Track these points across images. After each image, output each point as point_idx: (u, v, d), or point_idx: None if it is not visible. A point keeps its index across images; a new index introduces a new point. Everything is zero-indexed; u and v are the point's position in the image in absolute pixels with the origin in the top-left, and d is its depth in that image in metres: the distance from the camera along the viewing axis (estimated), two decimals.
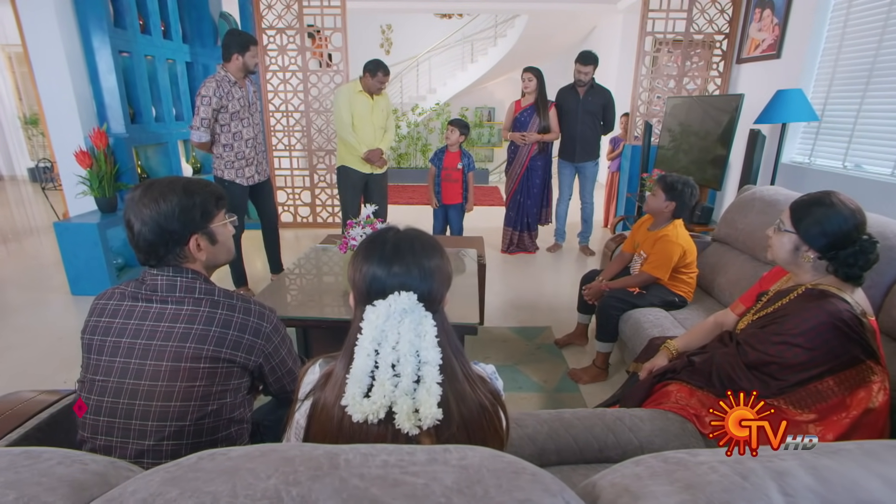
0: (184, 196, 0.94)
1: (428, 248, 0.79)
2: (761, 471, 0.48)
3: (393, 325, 0.73)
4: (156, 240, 0.93)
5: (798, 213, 1.22)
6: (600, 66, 3.76)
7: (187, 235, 0.95)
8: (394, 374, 0.72)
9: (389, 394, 0.71)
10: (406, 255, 0.76)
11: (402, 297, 0.73)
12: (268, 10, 4.16)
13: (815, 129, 3.05)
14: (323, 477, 0.47)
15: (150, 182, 0.95)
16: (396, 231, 0.82)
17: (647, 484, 0.48)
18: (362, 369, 0.72)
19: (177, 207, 0.93)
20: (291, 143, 4.55)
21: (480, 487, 0.45)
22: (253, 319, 0.97)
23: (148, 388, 0.89)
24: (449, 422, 0.73)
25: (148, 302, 0.94)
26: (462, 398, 0.76)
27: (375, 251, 0.77)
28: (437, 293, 0.77)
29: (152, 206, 0.92)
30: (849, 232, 1.16)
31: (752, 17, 3.70)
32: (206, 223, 0.97)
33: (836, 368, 1.16)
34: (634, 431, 1.20)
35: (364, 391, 0.72)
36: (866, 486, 0.46)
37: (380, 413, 0.71)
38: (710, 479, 0.47)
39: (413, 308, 0.73)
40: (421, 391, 0.72)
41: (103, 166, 2.90)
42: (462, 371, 0.78)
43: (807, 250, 1.20)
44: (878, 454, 0.52)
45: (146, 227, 0.92)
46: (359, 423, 0.72)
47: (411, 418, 0.71)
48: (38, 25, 2.78)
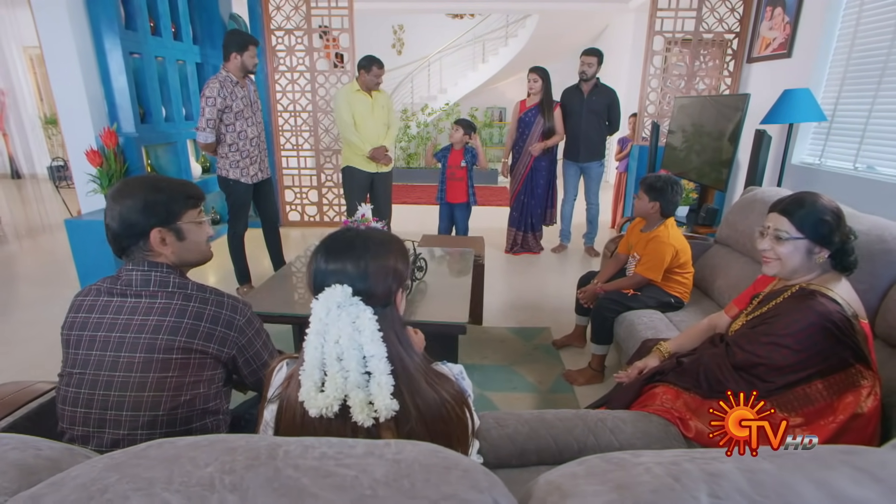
0: (150, 191, 0.97)
1: (372, 244, 0.80)
2: (696, 473, 0.47)
3: (333, 319, 0.74)
4: (119, 231, 0.96)
5: (797, 216, 1.18)
6: (611, 66, 3.75)
7: (148, 228, 0.96)
8: (342, 367, 0.73)
9: (341, 387, 0.72)
10: (348, 251, 0.78)
11: (336, 291, 0.74)
12: (276, 11, 4.22)
13: (825, 129, 2.98)
14: (258, 466, 0.48)
15: (127, 179, 1.00)
16: (352, 229, 0.83)
17: (580, 483, 0.48)
18: (311, 363, 0.74)
19: (140, 202, 0.96)
20: (299, 143, 4.60)
21: (408, 481, 0.46)
22: (225, 312, 0.99)
23: (122, 380, 0.91)
24: (406, 415, 0.74)
25: (123, 297, 0.97)
26: (417, 392, 0.76)
27: (324, 247, 0.80)
28: (378, 287, 0.78)
29: (121, 200, 0.96)
30: (844, 222, 1.16)
31: (763, 15, 3.63)
32: (172, 219, 0.99)
33: (825, 371, 1.14)
34: (616, 433, 1.19)
35: (318, 385, 0.74)
36: (799, 490, 0.45)
37: (333, 407, 0.72)
38: (642, 480, 0.47)
39: (348, 302, 0.74)
40: (373, 384, 0.73)
41: (113, 165, 2.97)
42: (415, 366, 0.79)
43: (819, 251, 1.17)
44: (825, 459, 0.51)
45: (113, 220, 0.96)
46: (319, 419, 0.73)
47: (365, 410, 0.72)
48: (51, 28, 2.86)
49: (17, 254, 4.05)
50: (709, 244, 2.38)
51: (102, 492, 0.45)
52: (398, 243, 0.85)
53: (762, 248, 1.24)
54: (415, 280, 1.91)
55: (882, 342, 1.38)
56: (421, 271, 1.96)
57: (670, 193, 1.94)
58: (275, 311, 1.70)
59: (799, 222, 1.17)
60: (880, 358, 1.34)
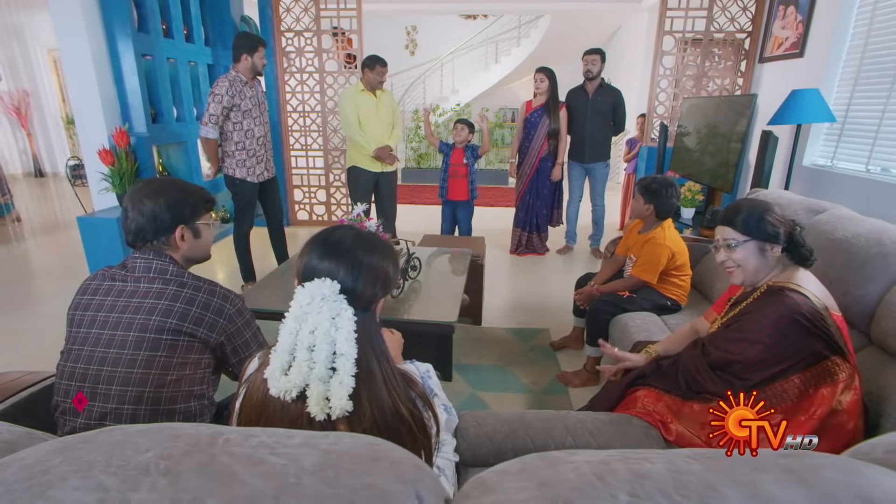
0: (179, 192, 1.09)
1: (368, 248, 0.81)
2: (623, 472, 0.47)
3: (314, 310, 0.75)
4: (146, 225, 1.06)
5: (737, 221, 1.23)
6: (624, 67, 3.71)
7: (175, 226, 1.07)
8: (311, 358, 0.75)
9: (304, 376, 0.74)
10: (341, 250, 0.79)
11: (325, 284, 0.76)
12: (287, 13, 4.28)
13: (838, 130, 2.90)
14: (196, 453, 0.50)
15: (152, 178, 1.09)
16: (349, 229, 0.84)
17: (506, 479, 0.49)
18: (284, 346, 0.76)
19: (171, 200, 1.07)
20: (308, 143, 4.66)
21: (333, 471, 0.47)
22: (216, 300, 1.07)
23: (114, 356, 0.98)
24: (360, 417, 0.75)
25: (123, 281, 1.05)
26: (376, 398, 0.77)
27: (317, 242, 0.81)
28: (366, 292, 0.79)
29: (152, 197, 1.06)
30: (779, 214, 1.21)
31: (776, 14, 3.56)
32: (193, 219, 1.10)
33: (800, 365, 1.14)
34: (595, 435, 1.19)
35: (284, 368, 0.75)
36: (722, 492, 0.45)
37: (292, 392, 0.74)
38: (567, 478, 0.47)
39: (333, 297, 0.75)
40: (334, 381, 0.74)
41: (124, 164, 3.05)
42: (382, 375, 0.79)
43: (772, 248, 1.21)
44: (761, 462, 0.51)
45: (139, 213, 1.05)
46: (279, 400, 0.75)
47: (320, 404, 0.73)
48: (67, 30, 2.95)
49: (34, 250, 4.19)
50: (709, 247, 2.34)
51: (44, 473, 0.47)
52: (392, 252, 0.86)
53: (720, 261, 1.29)
54: (408, 279, 1.92)
55: (877, 349, 1.34)
56: (415, 270, 1.97)
57: (665, 196, 1.92)
58: (270, 308, 1.72)
59: (742, 226, 1.21)
60: (874, 365, 1.31)
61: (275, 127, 4.49)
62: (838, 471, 0.48)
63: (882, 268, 1.35)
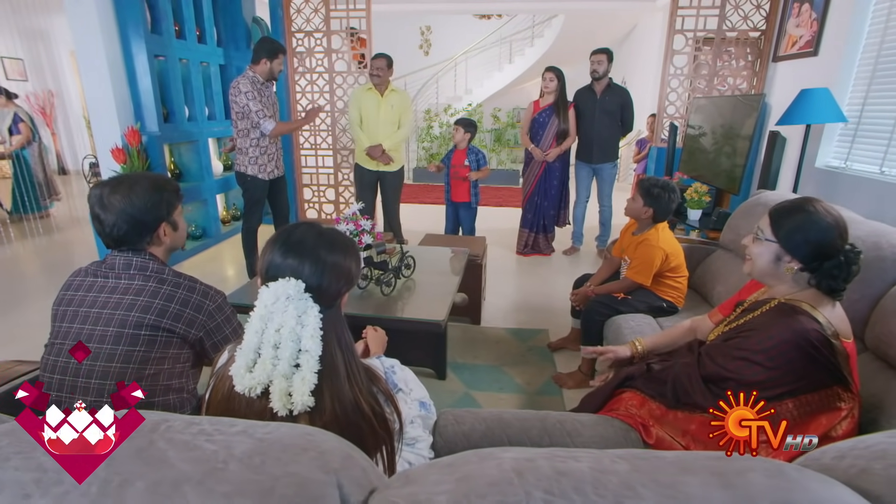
0: (154, 192, 1.08)
1: (331, 246, 0.82)
2: (545, 470, 0.47)
3: (280, 309, 0.77)
4: (130, 230, 1.06)
5: (778, 220, 1.14)
6: (639, 66, 3.67)
7: (157, 224, 1.09)
8: (275, 355, 0.76)
9: (268, 372, 0.75)
10: (304, 248, 0.80)
11: (290, 283, 0.77)
12: (297, 13, 4.34)
13: (852, 130, 2.82)
14: (136, 437, 0.52)
15: (119, 180, 1.08)
16: (309, 226, 0.85)
17: (431, 472, 0.49)
18: (249, 345, 0.77)
19: (150, 202, 1.07)
20: (317, 143, 4.71)
21: (260, 458, 0.48)
22: (196, 297, 1.09)
23: (95, 350, 1.01)
24: (321, 413, 0.76)
25: (105, 277, 1.08)
26: (338, 393, 0.78)
27: (279, 240, 0.82)
28: (330, 289, 0.80)
29: (126, 201, 1.05)
30: (833, 241, 1.08)
31: (790, 11, 3.47)
32: (171, 213, 1.12)
33: (797, 391, 1.08)
34: (572, 436, 1.18)
35: (249, 365, 0.77)
36: (640, 492, 0.45)
37: (257, 389, 0.75)
38: (487, 473, 0.47)
39: (298, 296, 0.77)
40: (297, 377, 0.75)
41: (136, 162, 3.13)
42: (346, 371, 0.80)
43: (789, 261, 1.12)
44: (689, 463, 0.51)
45: (120, 219, 1.05)
46: (245, 396, 0.77)
47: (283, 400, 0.74)
48: (83, 32, 3.05)
49: (49, 246, 4.33)
50: (712, 249, 2.30)
51: None
52: (353, 247, 0.87)
53: (743, 244, 1.24)
54: (402, 278, 1.93)
55: (871, 355, 1.31)
56: (409, 269, 1.98)
57: (666, 200, 1.89)
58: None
59: (777, 226, 1.13)
60: (868, 371, 1.27)
61: None
62: (766, 475, 0.47)
63: (878, 272, 1.32)
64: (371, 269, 1.81)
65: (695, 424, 1.17)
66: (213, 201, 3.98)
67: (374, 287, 1.79)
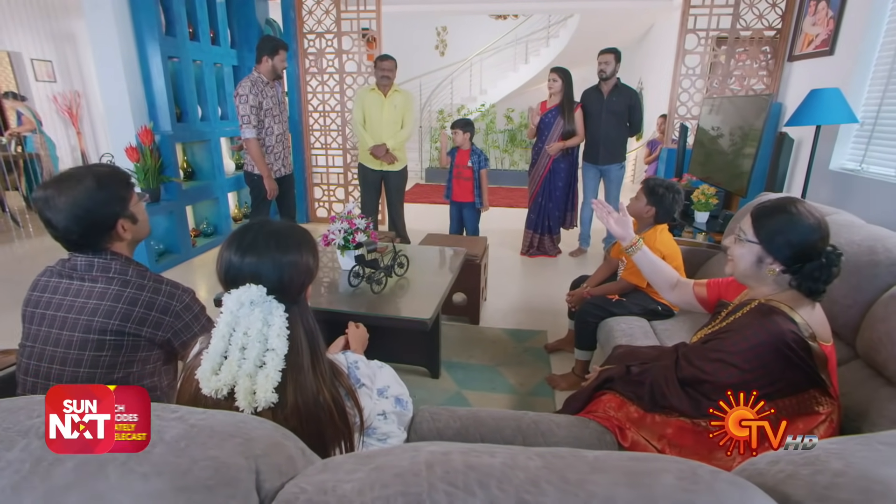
0: (100, 189, 1.01)
1: (285, 245, 0.83)
2: (457, 463, 0.48)
3: (246, 313, 0.79)
4: (85, 232, 1.02)
5: (760, 221, 1.12)
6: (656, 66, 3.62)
7: (114, 222, 1.04)
8: (242, 357, 0.78)
9: (234, 373, 0.77)
10: (261, 246, 0.81)
11: (252, 290, 0.79)
12: (309, 15, 4.41)
13: (868, 132, 2.73)
14: None
15: (60, 179, 1.01)
16: (265, 224, 0.87)
17: (348, 461, 0.50)
18: (216, 350, 0.79)
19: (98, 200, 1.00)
20: (328, 142, 4.78)
21: (186, 442, 0.50)
22: (161, 298, 1.06)
23: (62, 355, 1.01)
24: (283, 406, 0.78)
25: (69, 279, 1.05)
26: (302, 389, 0.80)
27: (235, 240, 0.83)
28: (291, 285, 0.82)
29: (71, 202, 0.98)
30: (815, 242, 1.06)
31: (806, 9, 3.38)
32: (125, 208, 1.06)
33: (773, 395, 1.06)
34: (546, 436, 1.18)
35: (216, 369, 0.79)
36: (544, 489, 0.45)
37: (223, 390, 0.77)
38: (399, 464, 0.48)
39: (262, 300, 0.79)
40: (261, 374, 0.77)
41: (149, 161, 3.23)
42: (310, 364, 0.82)
43: (771, 263, 1.11)
44: (608, 464, 0.51)
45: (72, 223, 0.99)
46: (210, 398, 0.79)
47: (248, 398, 0.76)
48: (100, 36, 3.16)
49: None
50: (713, 252, 2.26)
51: None
52: (307, 240, 0.89)
53: (724, 245, 1.23)
54: (394, 276, 1.95)
55: (862, 362, 1.27)
56: (402, 268, 2.00)
57: (669, 202, 1.87)
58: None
59: (758, 228, 1.12)
60: (857, 378, 1.24)
61: (296, 126, 4.63)
62: (678, 476, 0.47)
63: (871, 277, 1.28)
64: (363, 267, 1.83)
65: (671, 428, 1.16)
66: (225, 199, 4.07)
67: (367, 285, 1.81)
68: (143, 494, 0.45)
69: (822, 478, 0.49)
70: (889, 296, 1.19)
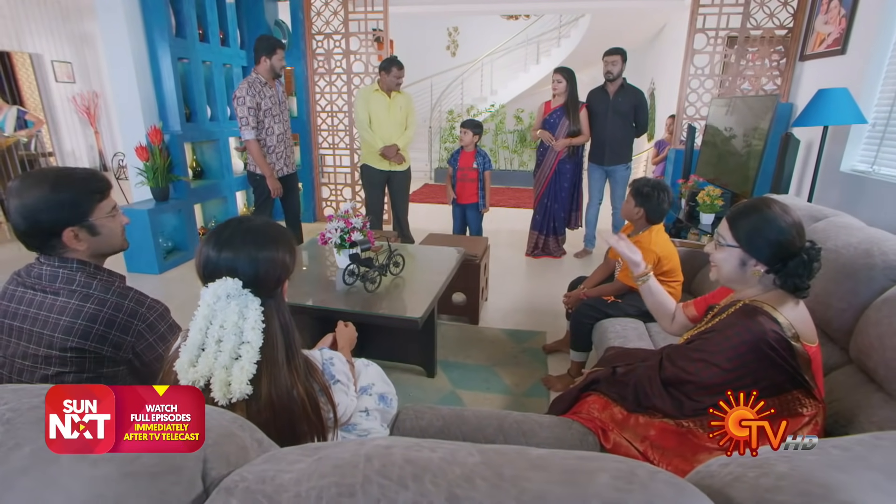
0: (50, 193, 0.95)
1: (264, 238, 0.85)
2: (396, 457, 0.48)
3: (222, 306, 0.81)
4: (27, 230, 0.97)
5: (736, 223, 1.12)
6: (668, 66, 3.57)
7: (59, 229, 0.97)
8: (218, 349, 0.80)
9: (211, 365, 0.79)
10: (238, 242, 0.83)
11: (228, 283, 0.80)
12: (317, 16, 4.46)
13: (880, 133, 2.66)
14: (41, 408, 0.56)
15: (27, 174, 0.99)
16: (243, 220, 0.89)
17: (294, 452, 0.52)
18: (193, 342, 0.81)
19: (42, 203, 0.95)
20: (335, 142, 4.82)
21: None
22: (122, 316, 1.01)
23: (29, 368, 1.00)
24: (257, 398, 0.80)
25: (33, 290, 1.01)
26: (276, 383, 0.81)
27: (213, 236, 0.85)
28: (267, 279, 0.84)
29: (19, 199, 0.95)
30: (792, 240, 1.07)
31: (818, 7, 3.31)
32: (84, 217, 0.99)
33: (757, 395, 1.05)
34: (528, 437, 1.18)
35: (193, 361, 0.81)
36: (477, 484, 0.45)
37: (200, 382, 0.79)
38: (340, 456, 0.49)
39: (238, 293, 0.81)
40: (236, 367, 0.79)
41: (158, 160, 3.30)
42: (285, 359, 0.84)
43: (755, 265, 1.10)
44: (551, 462, 0.51)
45: (18, 218, 0.96)
46: None
47: (223, 390, 0.78)
48: (112, 37, 3.24)
49: None
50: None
51: None
52: (283, 236, 0.90)
53: (706, 251, 1.24)
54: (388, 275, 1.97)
55: (855, 367, 1.24)
56: (397, 267, 2.01)
57: (657, 201, 1.85)
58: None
59: (736, 231, 1.12)
60: (850, 384, 1.22)
61: (304, 126, 4.68)
62: (614, 476, 0.47)
63: (866, 280, 1.25)
64: (358, 265, 1.85)
65: (654, 430, 1.15)
66: (233, 198, 4.14)
67: (361, 283, 1.83)
68: (91, 479, 0.47)
69: (766, 481, 0.49)
70: (882, 300, 1.17)
